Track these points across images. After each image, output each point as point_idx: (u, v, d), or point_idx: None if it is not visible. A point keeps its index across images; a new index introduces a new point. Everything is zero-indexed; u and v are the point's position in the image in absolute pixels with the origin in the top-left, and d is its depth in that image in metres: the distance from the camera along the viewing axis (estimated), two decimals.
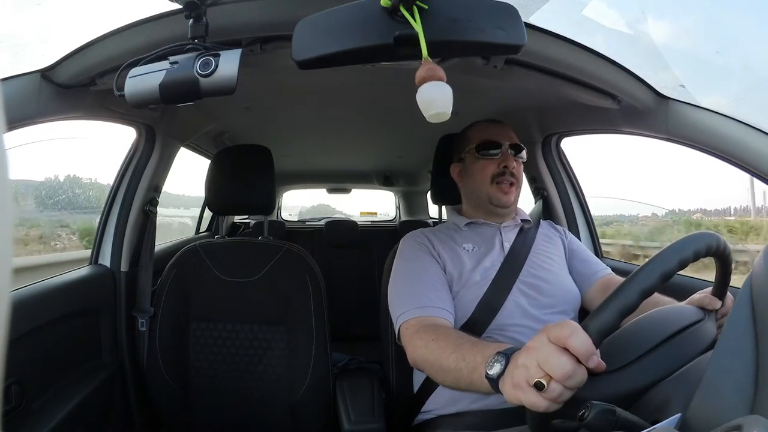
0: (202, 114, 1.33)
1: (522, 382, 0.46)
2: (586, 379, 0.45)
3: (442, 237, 0.95)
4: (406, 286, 0.86)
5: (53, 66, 0.76)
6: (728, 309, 0.64)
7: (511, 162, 0.93)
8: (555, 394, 0.44)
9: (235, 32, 0.66)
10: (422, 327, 0.76)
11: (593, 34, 0.83)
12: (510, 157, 0.93)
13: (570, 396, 0.45)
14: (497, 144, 0.94)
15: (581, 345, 0.44)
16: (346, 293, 2.04)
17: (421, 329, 0.75)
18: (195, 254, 1.12)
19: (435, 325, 0.77)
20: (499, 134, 0.95)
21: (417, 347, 0.73)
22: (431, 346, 0.70)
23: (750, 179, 0.76)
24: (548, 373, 0.44)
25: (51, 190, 3.44)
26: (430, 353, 0.69)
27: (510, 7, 0.46)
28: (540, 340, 0.47)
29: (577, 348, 0.44)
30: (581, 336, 0.44)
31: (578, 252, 1.01)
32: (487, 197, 0.94)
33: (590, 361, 0.44)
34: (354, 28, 0.44)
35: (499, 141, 0.94)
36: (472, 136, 0.97)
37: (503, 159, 0.93)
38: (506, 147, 0.94)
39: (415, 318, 0.79)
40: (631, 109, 0.91)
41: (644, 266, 0.49)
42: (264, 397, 1.06)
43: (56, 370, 0.92)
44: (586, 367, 0.44)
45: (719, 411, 0.39)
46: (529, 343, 0.49)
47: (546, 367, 0.44)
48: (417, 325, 0.77)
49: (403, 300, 0.83)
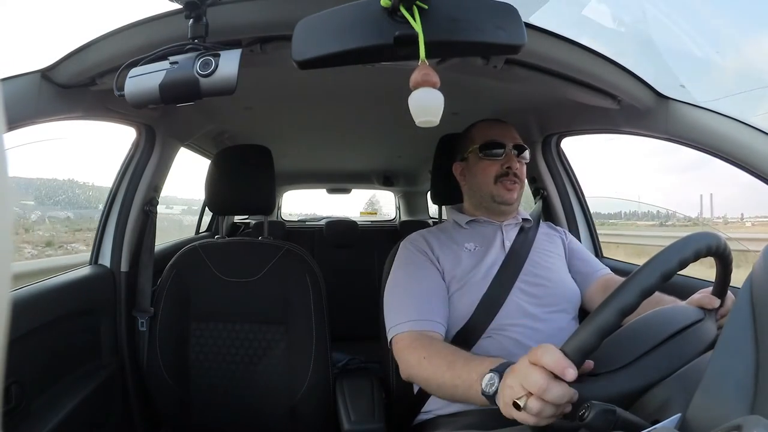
0: (202, 114, 1.33)
1: (509, 401, 0.50)
2: (569, 394, 0.48)
3: (443, 238, 0.95)
4: (400, 296, 0.86)
5: (53, 66, 0.76)
6: (728, 309, 0.64)
7: (514, 163, 0.93)
8: (535, 410, 0.48)
9: (235, 32, 0.66)
10: (413, 341, 0.77)
11: (593, 34, 0.83)
12: (513, 158, 0.94)
13: (554, 411, 0.48)
14: (501, 145, 0.94)
15: (551, 359, 0.48)
16: (346, 293, 2.04)
17: (412, 345, 0.76)
18: (195, 254, 1.11)
19: (427, 339, 0.77)
20: (502, 135, 0.95)
21: (410, 365, 0.75)
22: (424, 365, 0.71)
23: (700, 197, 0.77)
24: (528, 390, 0.48)
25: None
26: (423, 371, 0.71)
27: (510, 7, 0.46)
28: (522, 362, 0.52)
29: (548, 364, 0.48)
30: (552, 352, 0.48)
31: (578, 252, 1.01)
32: (490, 195, 0.94)
33: (566, 374, 0.47)
34: (354, 28, 0.44)
35: (502, 142, 0.94)
36: (476, 135, 0.97)
37: (507, 160, 0.93)
38: (510, 148, 0.94)
39: (407, 332, 0.80)
40: (631, 109, 0.91)
41: (645, 266, 0.49)
42: (264, 397, 1.06)
43: (56, 370, 0.92)
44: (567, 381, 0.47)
45: (719, 411, 0.39)
46: (513, 366, 0.54)
47: (525, 385, 0.49)
48: (408, 339, 0.78)
49: (396, 312, 0.84)
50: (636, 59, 0.83)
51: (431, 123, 0.44)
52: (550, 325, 0.84)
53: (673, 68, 0.91)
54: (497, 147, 0.94)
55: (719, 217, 4.58)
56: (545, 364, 0.48)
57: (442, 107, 0.44)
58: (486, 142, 0.94)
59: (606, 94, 0.87)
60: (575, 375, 0.47)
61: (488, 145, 0.94)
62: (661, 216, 5.69)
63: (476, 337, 0.83)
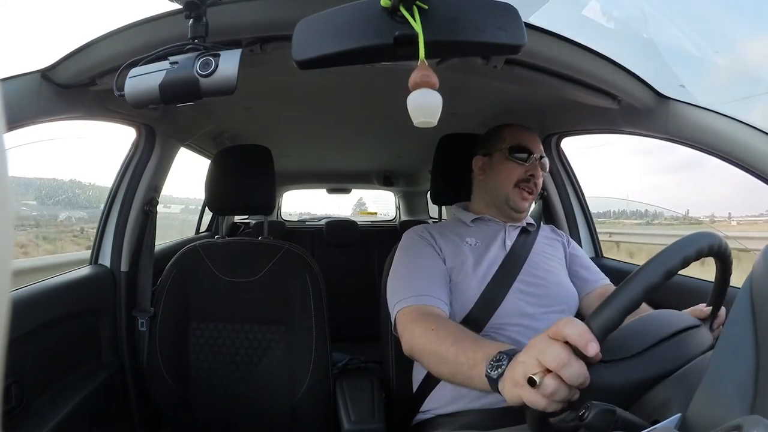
0: (202, 114, 1.33)
1: (521, 378, 0.47)
2: (585, 376, 0.45)
3: (445, 232, 0.95)
4: (405, 274, 0.86)
5: (53, 66, 0.76)
6: (721, 321, 0.65)
7: (538, 171, 0.94)
8: (550, 389, 0.44)
9: (235, 32, 0.66)
10: (421, 314, 0.76)
11: (593, 34, 0.83)
12: (538, 166, 0.95)
13: (567, 394, 0.45)
14: (530, 151, 0.95)
15: (576, 331, 0.44)
16: (346, 293, 2.04)
17: (420, 317, 0.75)
18: (195, 254, 1.11)
19: (434, 314, 0.76)
20: (531, 143, 0.96)
21: (415, 335, 0.72)
22: (430, 336, 0.69)
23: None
24: (545, 366, 0.45)
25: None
26: (428, 342, 0.69)
27: (510, 7, 0.46)
28: (539, 337, 0.49)
29: (572, 335, 0.44)
30: (577, 324, 0.45)
31: (580, 258, 1.01)
32: (506, 198, 0.95)
33: (589, 348, 0.43)
34: (354, 28, 0.44)
35: (531, 149, 0.95)
36: (507, 136, 0.98)
37: (532, 167, 0.94)
38: (536, 157, 0.95)
39: (413, 306, 0.79)
40: (631, 109, 0.91)
41: (667, 249, 0.49)
42: (264, 397, 1.06)
43: (56, 370, 0.92)
44: (585, 361, 0.44)
45: (719, 411, 0.39)
46: (530, 341, 0.50)
47: (542, 359, 0.45)
48: (415, 312, 0.77)
49: (402, 287, 0.83)
50: (636, 59, 0.83)
51: (429, 124, 0.44)
52: (548, 325, 0.83)
53: (673, 68, 0.91)
54: (525, 152, 0.95)
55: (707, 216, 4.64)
56: (568, 336, 0.44)
57: (440, 108, 0.44)
58: (516, 145, 0.95)
59: (606, 94, 0.87)
60: (598, 350, 0.44)
61: (518, 148, 0.95)
62: (649, 215, 5.73)
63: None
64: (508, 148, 0.95)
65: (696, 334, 0.59)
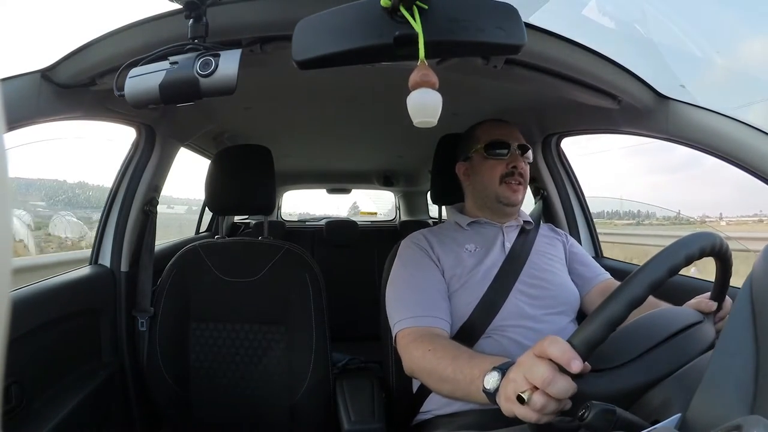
0: (202, 114, 1.33)
1: (511, 395, 0.49)
2: (572, 389, 0.47)
3: (443, 238, 0.94)
4: (404, 293, 0.86)
5: (53, 66, 0.76)
6: (726, 312, 0.65)
7: (519, 162, 0.93)
8: (538, 405, 0.47)
9: (235, 32, 0.66)
10: (419, 336, 0.77)
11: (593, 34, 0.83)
12: (518, 157, 0.94)
13: (557, 407, 0.47)
14: (506, 144, 0.94)
15: (558, 350, 0.47)
16: (346, 293, 2.04)
17: (418, 339, 0.76)
18: (195, 254, 1.11)
19: (431, 335, 0.77)
20: (507, 135, 0.95)
21: (414, 357, 0.75)
22: (428, 357, 0.71)
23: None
24: (532, 384, 0.47)
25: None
26: (427, 363, 0.71)
27: (510, 7, 0.46)
28: (527, 354, 0.51)
29: (554, 354, 0.47)
30: (559, 343, 0.48)
31: (579, 256, 1.01)
32: (495, 196, 0.94)
33: (572, 365, 0.46)
34: (354, 28, 0.44)
35: (507, 141, 0.94)
36: (481, 135, 0.97)
37: (512, 159, 0.93)
38: (515, 147, 0.94)
39: (412, 327, 0.80)
40: (631, 109, 0.91)
41: (652, 260, 0.49)
42: (264, 397, 1.06)
43: (56, 370, 0.92)
44: (571, 375, 0.46)
45: (719, 411, 0.39)
46: (519, 359, 0.52)
47: (529, 377, 0.48)
48: (413, 335, 0.78)
49: (401, 308, 0.84)
50: (636, 59, 0.83)
51: (429, 124, 0.44)
52: (550, 326, 0.84)
53: (673, 68, 0.91)
54: (502, 147, 0.94)
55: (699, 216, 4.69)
56: (551, 355, 0.47)
57: (440, 108, 0.44)
58: (491, 142, 0.94)
59: (606, 94, 0.87)
60: (581, 367, 0.46)
61: (493, 144, 0.94)
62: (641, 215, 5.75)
63: (475, 337, 0.83)
64: (484, 147, 0.95)
65: (697, 331, 0.58)
